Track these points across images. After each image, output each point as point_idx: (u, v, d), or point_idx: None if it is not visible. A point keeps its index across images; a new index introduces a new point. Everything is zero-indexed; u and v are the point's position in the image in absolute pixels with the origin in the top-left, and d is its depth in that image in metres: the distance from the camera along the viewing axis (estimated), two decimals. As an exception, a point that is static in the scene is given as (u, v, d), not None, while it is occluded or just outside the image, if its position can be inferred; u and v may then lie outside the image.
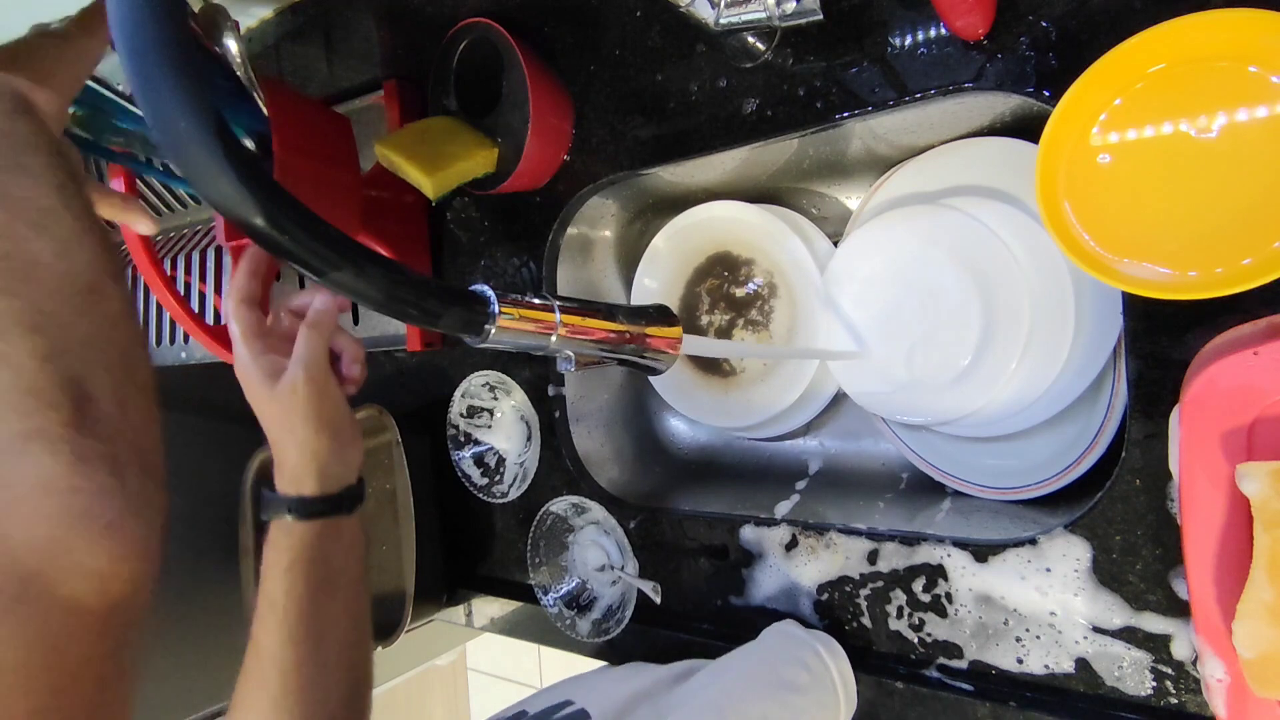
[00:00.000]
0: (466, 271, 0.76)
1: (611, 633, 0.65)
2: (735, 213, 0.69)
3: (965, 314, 0.60)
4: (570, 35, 0.66)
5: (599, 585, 0.69)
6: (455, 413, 0.77)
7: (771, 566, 0.60)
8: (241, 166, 0.27)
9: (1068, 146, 0.42)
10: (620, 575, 0.67)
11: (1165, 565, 0.45)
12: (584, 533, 0.70)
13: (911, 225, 0.61)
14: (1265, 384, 0.37)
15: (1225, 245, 0.39)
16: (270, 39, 0.87)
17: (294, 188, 0.32)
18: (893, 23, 0.51)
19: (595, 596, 0.69)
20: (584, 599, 0.70)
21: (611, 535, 0.68)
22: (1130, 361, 0.45)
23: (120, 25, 0.26)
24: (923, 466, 0.65)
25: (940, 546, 0.53)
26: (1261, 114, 0.37)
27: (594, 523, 0.69)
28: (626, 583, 0.66)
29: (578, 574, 0.70)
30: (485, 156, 0.63)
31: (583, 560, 0.70)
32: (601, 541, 0.69)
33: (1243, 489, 0.36)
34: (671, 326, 0.49)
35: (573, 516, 0.70)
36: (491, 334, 0.38)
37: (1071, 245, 0.42)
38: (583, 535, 0.70)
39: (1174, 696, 0.45)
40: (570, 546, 0.71)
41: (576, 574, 0.70)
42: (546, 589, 0.70)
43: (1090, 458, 0.55)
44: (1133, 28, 0.39)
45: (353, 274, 0.30)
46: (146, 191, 0.84)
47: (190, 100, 0.26)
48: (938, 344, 0.62)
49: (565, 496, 0.69)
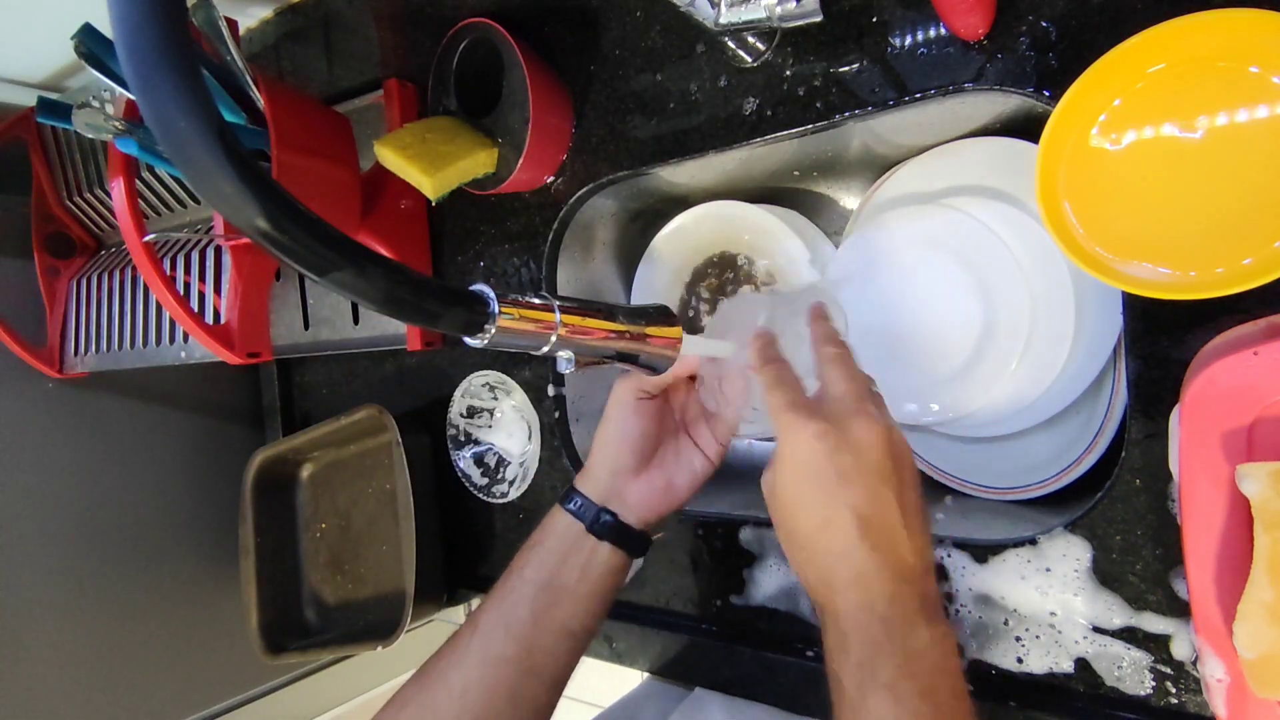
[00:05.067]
0: (466, 271, 0.76)
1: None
2: (735, 213, 0.69)
3: (965, 314, 0.60)
4: (570, 35, 0.66)
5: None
6: (455, 412, 0.77)
7: (771, 566, 0.60)
8: (242, 166, 0.27)
9: (1068, 146, 0.42)
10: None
11: (1165, 565, 0.45)
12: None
13: (911, 225, 0.61)
14: (1265, 384, 0.37)
15: (1225, 245, 0.39)
16: (270, 39, 0.87)
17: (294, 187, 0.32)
18: (893, 23, 0.51)
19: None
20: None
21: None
22: (1130, 361, 0.45)
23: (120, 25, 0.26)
24: (923, 466, 0.65)
25: (940, 546, 0.53)
26: (1261, 114, 0.37)
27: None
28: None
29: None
30: (485, 156, 0.63)
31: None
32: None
33: (1243, 489, 0.36)
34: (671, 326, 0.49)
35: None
36: (491, 334, 0.37)
37: (1071, 245, 0.42)
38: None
39: (1174, 696, 0.45)
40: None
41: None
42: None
43: (1090, 458, 0.55)
44: (1133, 28, 0.39)
45: (353, 274, 0.30)
46: (146, 191, 0.84)
47: (190, 100, 0.26)
48: (938, 344, 0.62)
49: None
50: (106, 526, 0.92)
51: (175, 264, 0.81)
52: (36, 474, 0.87)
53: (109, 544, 0.92)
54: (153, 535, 0.96)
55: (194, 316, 0.65)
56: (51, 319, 0.91)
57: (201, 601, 0.99)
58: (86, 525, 0.91)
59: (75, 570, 0.89)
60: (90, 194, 0.86)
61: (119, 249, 0.90)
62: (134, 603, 0.93)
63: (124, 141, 0.60)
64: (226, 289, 0.73)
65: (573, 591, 0.47)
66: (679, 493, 0.49)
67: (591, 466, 0.49)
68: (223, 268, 0.77)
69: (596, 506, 0.47)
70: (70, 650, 0.88)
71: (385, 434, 0.81)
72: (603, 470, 0.48)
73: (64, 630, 0.88)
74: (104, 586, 0.91)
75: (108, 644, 0.91)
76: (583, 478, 0.49)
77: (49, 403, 0.89)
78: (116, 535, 0.93)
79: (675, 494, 0.49)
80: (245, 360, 0.69)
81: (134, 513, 0.95)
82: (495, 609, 0.47)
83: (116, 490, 0.94)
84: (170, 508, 0.98)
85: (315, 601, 0.94)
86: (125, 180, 0.62)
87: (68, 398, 0.91)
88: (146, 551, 0.95)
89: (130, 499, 0.95)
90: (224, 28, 0.57)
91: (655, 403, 0.48)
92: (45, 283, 0.90)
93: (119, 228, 0.69)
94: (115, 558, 0.93)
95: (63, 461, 0.89)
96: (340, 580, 0.92)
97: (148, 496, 0.96)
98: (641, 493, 0.48)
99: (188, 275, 0.79)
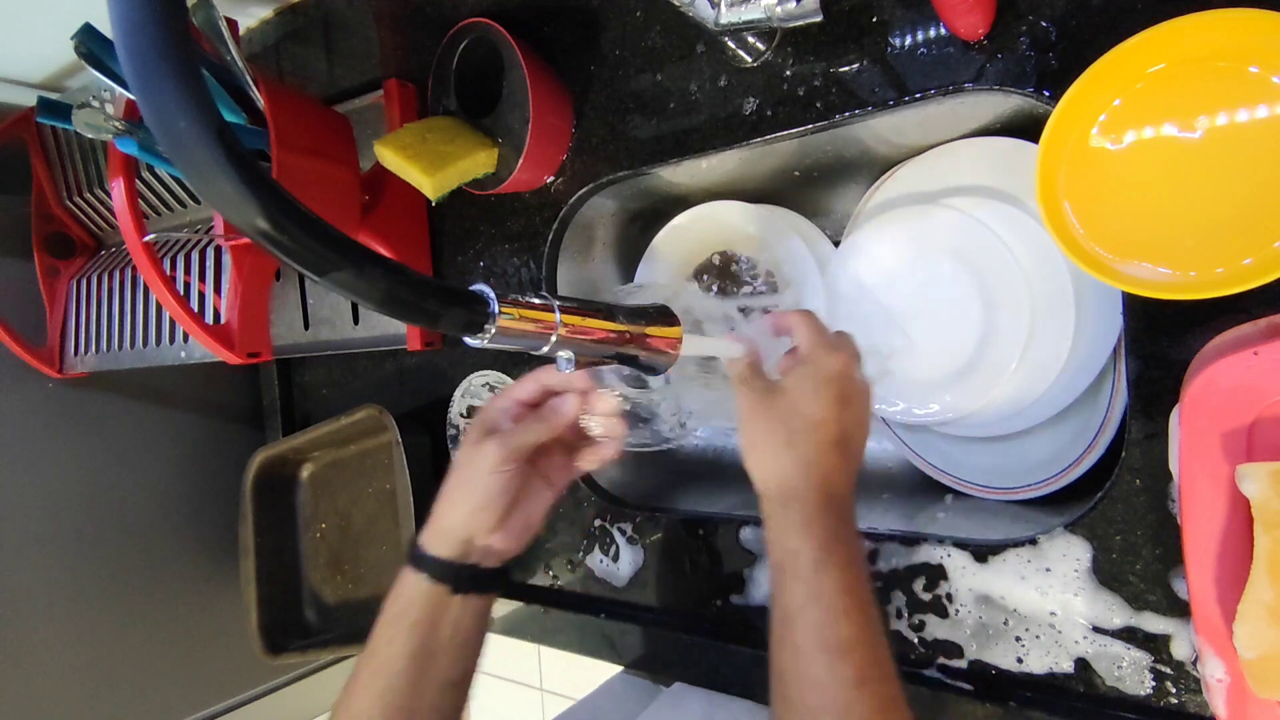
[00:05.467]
0: (466, 271, 0.76)
1: None
2: (735, 213, 0.69)
3: (965, 314, 0.60)
4: (570, 35, 0.66)
5: None
6: (455, 412, 0.77)
7: (771, 566, 0.60)
8: (242, 166, 0.27)
9: (1068, 146, 0.42)
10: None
11: (1165, 565, 0.45)
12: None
13: (911, 225, 0.61)
14: (1265, 384, 0.37)
15: (1225, 245, 0.39)
16: (270, 39, 0.87)
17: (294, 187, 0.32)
18: (893, 23, 0.51)
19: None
20: None
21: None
22: (1130, 361, 0.45)
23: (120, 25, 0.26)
24: (923, 466, 0.65)
25: (940, 546, 0.53)
26: (1261, 114, 0.37)
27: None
28: None
29: None
30: (485, 156, 0.63)
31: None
32: None
33: (1243, 489, 0.36)
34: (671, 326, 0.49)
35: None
36: (491, 334, 0.37)
37: (1071, 245, 0.42)
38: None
39: (1174, 696, 0.45)
40: None
41: None
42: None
43: (1090, 458, 0.55)
44: (1133, 28, 0.39)
45: (353, 274, 0.30)
46: (146, 191, 0.84)
47: (190, 100, 0.26)
48: (938, 344, 0.62)
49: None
50: (106, 526, 0.92)
51: (175, 264, 0.81)
52: (36, 474, 0.87)
53: (109, 544, 0.92)
54: (153, 535, 0.96)
55: (194, 316, 0.64)
56: (51, 319, 0.91)
57: (201, 601, 0.99)
58: (86, 525, 0.91)
59: (75, 570, 0.89)
60: (90, 194, 0.86)
61: (119, 249, 0.90)
62: (134, 602, 0.93)
63: (124, 141, 0.60)
64: (226, 289, 0.73)
65: (447, 648, 0.47)
66: (535, 526, 0.50)
67: (445, 527, 0.48)
68: (223, 268, 0.77)
69: (456, 565, 0.47)
70: (70, 650, 0.88)
71: (385, 434, 0.81)
72: (460, 531, 0.47)
73: (64, 630, 0.88)
74: (104, 586, 0.91)
75: (108, 644, 0.91)
76: (434, 538, 0.48)
77: (49, 403, 0.89)
78: (116, 535, 0.93)
79: (532, 528, 0.50)
80: (245, 360, 0.69)
81: (134, 513, 0.95)
82: (366, 689, 0.47)
83: (116, 490, 0.94)
84: (170, 508, 0.98)
85: (315, 601, 0.94)
86: (125, 180, 0.62)
87: (68, 398, 0.91)
88: (147, 551, 0.95)
89: (130, 499, 0.95)
90: (224, 28, 0.57)
91: (521, 467, 0.47)
92: (45, 283, 0.90)
93: (119, 228, 0.69)
94: (115, 557, 0.93)
95: (63, 461, 0.89)
96: (340, 580, 0.92)
97: (148, 497, 0.96)
98: (503, 540, 0.48)
99: (188, 275, 0.79)
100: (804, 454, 0.42)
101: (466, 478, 0.48)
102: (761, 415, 0.44)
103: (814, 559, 0.40)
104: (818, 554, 0.40)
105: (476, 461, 0.47)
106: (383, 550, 0.88)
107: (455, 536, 0.47)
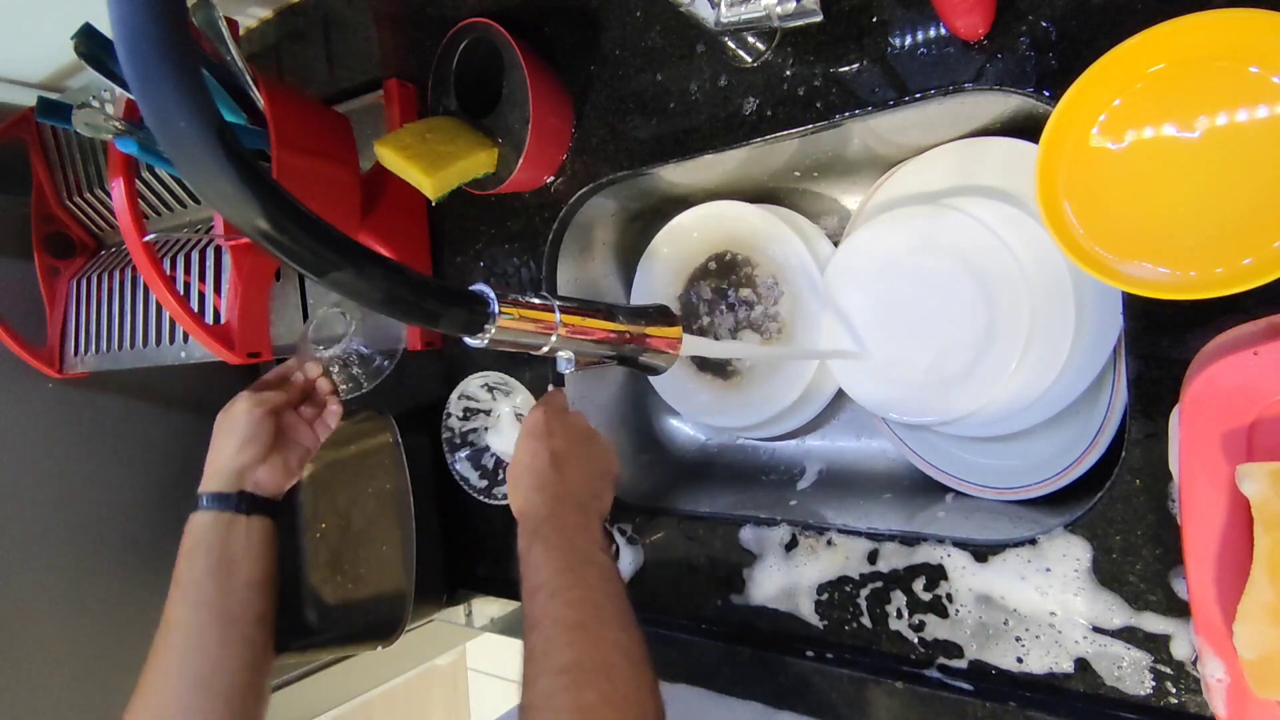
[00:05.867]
0: (466, 271, 0.76)
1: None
2: (735, 213, 0.69)
3: (965, 314, 0.60)
4: (570, 35, 0.66)
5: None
6: (452, 416, 0.77)
7: (771, 566, 0.60)
8: (242, 166, 0.27)
9: (1068, 146, 0.42)
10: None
11: (1165, 565, 0.45)
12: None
13: (912, 225, 0.61)
14: (1265, 384, 0.36)
15: (1225, 245, 0.39)
16: (270, 39, 0.87)
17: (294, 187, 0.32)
18: (893, 23, 0.51)
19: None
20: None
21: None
22: (1130, 361, 0.45)
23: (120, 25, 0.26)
24: (923, 466, 0.65)
25: (940, 546, 0.53)
26: (1261, 114, 0.37)
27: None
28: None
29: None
30: (485, 156, 0.63)
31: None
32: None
33: (1243, 489, 0.36)
34: (671, 326, 0.49)
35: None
36: (491, 334, 0.38)
37: (1071, 245, 0.42)
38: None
39: (1174, 696, 0.45)
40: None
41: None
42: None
43: (1090, 458, 0.55)
44: (1133, 28, 0.39)
45: (353, 274, 0.30)
46: (146, 191, 0.84)
47: (190, 100, 0.26)
48: (938, 344, 0.62)
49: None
50: (106, 526, 0.92)
51: (175, 264, 0.81)
52: (36, 474, 0.87)
53: (109, 544, 0.92)
54: (153, 535, 0.96)
55: (194, 316, 0.64)
56: (51, 319, 0.91)
57: (201, 601, 0.99)
58: (86, 525, 0.91)
59: (75, 570, 0.89)
60: (90, 194, 0.86)
61: (119, 249, 0.90)
62: (134, 602, 0.93)
63: (124, 141, 0.60)
64: (226, 289, 0.73)
65: (244, 556, 0.59)
66: (296, 472, 0.65)
67: (219, 467, 0.61)
68: (223, 268, 0.77)
69: (234, 494, 0.60)
70: (70, 650, 0.88)
71: (385, 434, 0.81)
72: (232, 463, 0.60)
73: (64, 630, 0.88)
74: (104, 586, 0.91)
75: (107, 643, 0.91)
76: (211, 479, 0.60)
77: (49, 403, 0.89)
78: (117, 535, 0.93)
79: (293, 473, 0.64)
80: (245, 360, 0.68)
81: (134, 513, 0.95)
82: (179, 605, 0.57)
83: (116, 490, 0.93)
84: (170, 508, 0.97)
85: (315, 601, 0.94)
86: (125, 180, 0.62)
87: (68, 398, 0.91)
88: (147, 551, 0.95)
89: (130, 499, 0.95)
90: (224, 28, 0.57)
91: (267, 412, 0.62)
92: (45, 283, 0.90)
93: (119, 228, 0.68)
94: (115, 557, 0.93)
95: (63, 461, 0.89)
96: (340, 580, 0.92)
97: (148, 496, 0.96)
98: (268, 474, 0.62)
99: (188, 275, 0.79)
100: (528, 486, 0.53)
101: (227, 426, 0.62)
102: (511, 472, 0.56)
103: (525, 545, 0.50)
104: (527, 541, 0.50)
105: (232, 411, 0.62)
106: (383, 550, 0.88)
107: (229, 469, 0.60)
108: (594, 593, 0.46)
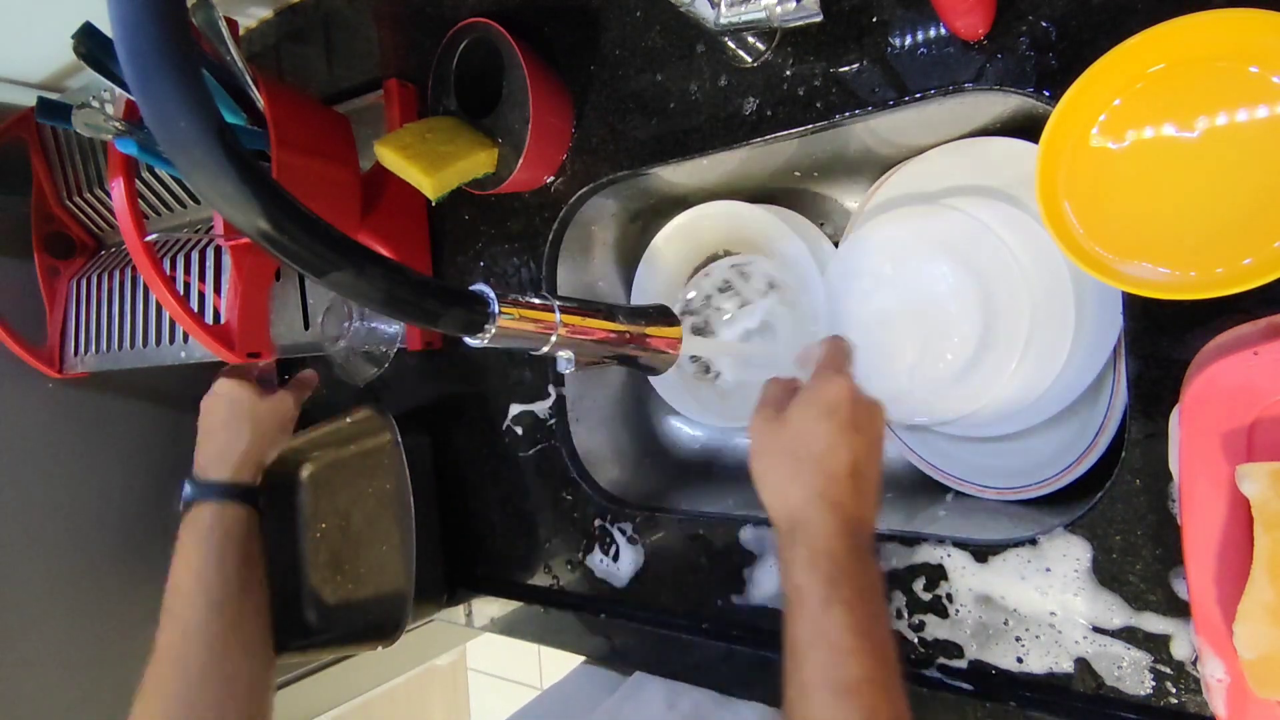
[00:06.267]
0: (466, 271, 0.76)
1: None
2: (735, 212, 0.69)
3: (965, 314, 0.60)
4: (570, 35, 0.66)
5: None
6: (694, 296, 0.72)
7: (771, 566, 0.60)
8: (242, 166, 0.27)
9: (1068, 146, 0.42)
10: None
11: (1165, 565, 0.45)
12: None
13: (911, 225, 0.61)
14: (1265, 384, 0.37)
15: (1225, 245, 0.39)
16: (270, 39, 0.87)
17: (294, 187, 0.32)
18: (893, 23, 0.51)
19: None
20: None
21: None
22: (1130, 361, 0.45)
23: (120, 25, 0.26)
24: (923, 466, 0.65)
25: (940, 546, 0.53)
26: (1262, 114, 0.37)
27: None
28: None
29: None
30: (485, 156, 0.63)
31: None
32: None
33: (1243, 489, 0.36)
34: (671, 326, 0.49)
35: None
36: (491, 334, 0.38)
37: (1071, 245, 0.42)
38: None
39: (1174, 696, 0.45)
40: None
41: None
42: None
43: (1090, 458, 0.55)
44: (1133, 28, 0.39)
45: (353, 274, 0.30)
46: (146, 191, 0.84)
47: (190, 100, 0.26)
48: (938, 344, 0.62)
49: None
50: (107, 526, 0.92)
51: (175, 264, 0.81)
52: (36, 474, 0.87)
53: (109, 544, 0.92)
54: (153, 535, 0.96)
55: (194, 316, 0.64)
56: (51, 319, 0.91)
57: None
58: (86, 524, 0.91)
59: (74, 570, 0.89)
60: (90, 194, 0.86)
61: (119, 249, 0.90)
62: (134, 602, 0.93)
63: (124, 141, 0.60)
64: (226, 289, 0.73)
65: (244, 546, 0.64)
66: (270, 457, 0.71)
67: (224, 458, 0.65)
68: (223, 268, 0.77)
69: (238, 484, 0.65)
70: (69, 649, 0.88)
71: (385, 434, 0.81)
72: (250, 461, 0.66)
73: (63, 630, 0.88)
74: (104, 586, 0.91)
75: (107, 643, 0.91)
76: (218, 468, 0.65)
77: (49, 403, 0.89)
78: (116, 535, 0.93)
79: (269, 457, 0.70)
80: (245, 360, 0.68)
81: (134, 513, 0.95)
82: (186, 579, 0.61)
83: (116, 490, 0.94)
84: (170, 508, 0.98)
85: (315, 601, 0.94)
86: (125, 180, 0.62)
87: (68, 398, 0.91)
88: (146, 551, 0.95)
89: (130, 499, 0.95)
90: (224, 28, 0.57)
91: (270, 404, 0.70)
92: (45, 283, 0.90)
93: (119, 228, 0.69)
94: (115, 558, 0.93)
95: (63, 461, 0.89)
96: (340, 580, 0.92)
97: (148, 496, 0.96)
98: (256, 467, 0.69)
99: (188, 275, 0.79)
100: (810, 486, 0.41)
101: (235, 413, 0.67)
102: (770, 448, 0.44)
103: (821, 596, 0.39)
104: (824, 590, 0.39)
105: (273, 404, 0.70)
106: (383, 550, 0.88)
107: (235, 465, 0.65)
108: (898, 685, 0.38)
